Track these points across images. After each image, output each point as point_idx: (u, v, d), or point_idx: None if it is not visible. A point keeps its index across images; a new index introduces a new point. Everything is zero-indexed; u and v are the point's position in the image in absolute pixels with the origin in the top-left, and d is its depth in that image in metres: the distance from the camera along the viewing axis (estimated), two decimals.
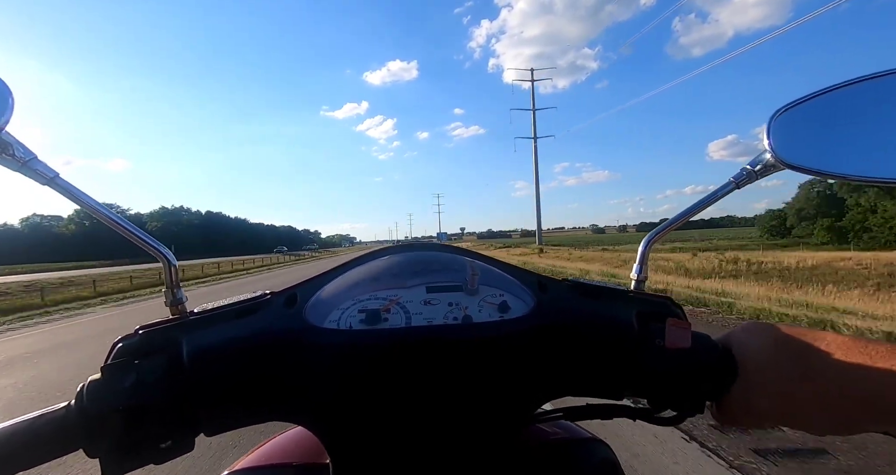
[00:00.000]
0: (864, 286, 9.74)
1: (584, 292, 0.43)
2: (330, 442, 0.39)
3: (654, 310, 0.41)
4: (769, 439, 2.24)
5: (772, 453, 2.12)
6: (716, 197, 0.44)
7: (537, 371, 0.39)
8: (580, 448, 0.49)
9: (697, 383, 0.36)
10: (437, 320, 0.40)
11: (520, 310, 0.41)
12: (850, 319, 4.86)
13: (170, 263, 0.39)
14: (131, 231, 0.38)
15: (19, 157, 0.33)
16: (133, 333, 0.36)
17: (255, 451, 0.49)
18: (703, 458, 2.12)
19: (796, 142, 0.40)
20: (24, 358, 4.98)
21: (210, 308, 0.39)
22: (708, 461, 2.10)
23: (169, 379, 0.33)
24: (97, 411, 0.31)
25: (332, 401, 0.38)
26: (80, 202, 0.36)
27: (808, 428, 0.33)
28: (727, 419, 0.36)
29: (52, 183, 0.34)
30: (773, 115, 0.41)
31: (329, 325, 0.38)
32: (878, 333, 4.28)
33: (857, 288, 9.06)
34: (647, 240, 0.47)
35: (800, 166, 0.39)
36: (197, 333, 0.37)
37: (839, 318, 4.90)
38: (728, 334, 0.37)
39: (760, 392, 0.33)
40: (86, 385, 0.32)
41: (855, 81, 0.39)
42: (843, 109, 0.40)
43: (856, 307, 6.07)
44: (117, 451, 0.31)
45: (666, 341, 0.37)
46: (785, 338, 0.33)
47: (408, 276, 0.43)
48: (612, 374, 0.40)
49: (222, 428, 0.36)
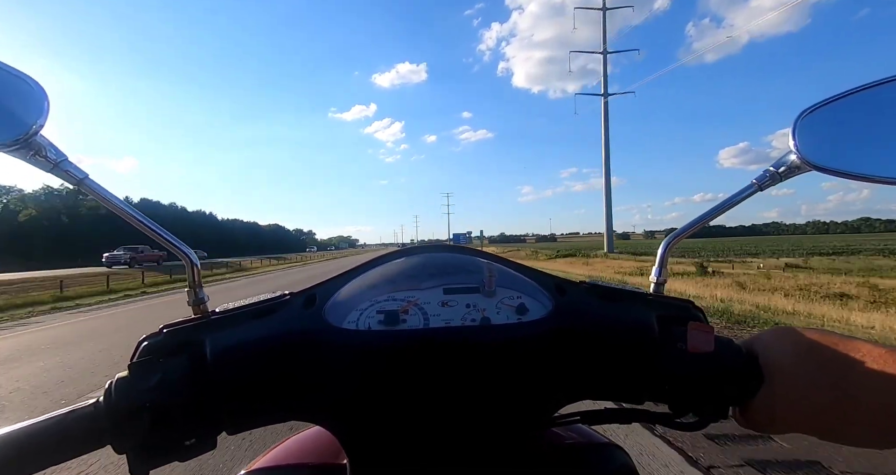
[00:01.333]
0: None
1: (602, 295, 0.43)
2: (347, 442, 0.39)
3: (675, 313, 0.40)
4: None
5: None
6: (737, 199, 0.43)
7: (555, 374, 0.39)
8: (597, 453, 0.49)
9: (721, 388, 0.35)
10: (455, 322, 0.40)
11: (538, 312, 0.41)
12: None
13: (192, 263, 0.39)
14: (157, 232, 0.38)
15: (52, 159, 0.34)
16: (158, 332, 0.36)
17: (271, 451, 0.49)
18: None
19: (822, 143, 0.40)
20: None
21: (231, 308, 0.40)
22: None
23: (192, 377, 0.34)
24: (125, 408, 0.31)
25: (350, 401, 0.38)
26: (109, 203, 0.37)
27: (834, 437, 0.32)
28: (751, 424, 0.35)
29: (81, 184, 0.35)
30: (798, 115, 0.40)
31: (348, 326, 0.39)
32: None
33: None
34: (666, 243, 0.46)
35: (826, 167, 0.39)
36: (219, 333, 0.37)
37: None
38: (753, 338, 0.37)
39: (787, 398, 0.32)
40: (114, 382, 0.32)
41: (881, 83, 0.39)
42: (869, 111, 0.39)
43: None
44: (144, 448, 0.32)
45: (688, 345, 0.36)
46: (815, 345, 0.32)
47: (424, 278, 0.43)
48: (631, 378, 0.39)
49: (244, 426, 0.37)
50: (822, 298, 8.07)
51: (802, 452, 2.12)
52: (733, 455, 2.16)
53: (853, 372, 0.30)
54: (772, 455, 2.14)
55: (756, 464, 2.06)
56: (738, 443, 2.27)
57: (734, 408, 0.36)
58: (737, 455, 2.15)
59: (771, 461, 2.08)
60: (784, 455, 2.13)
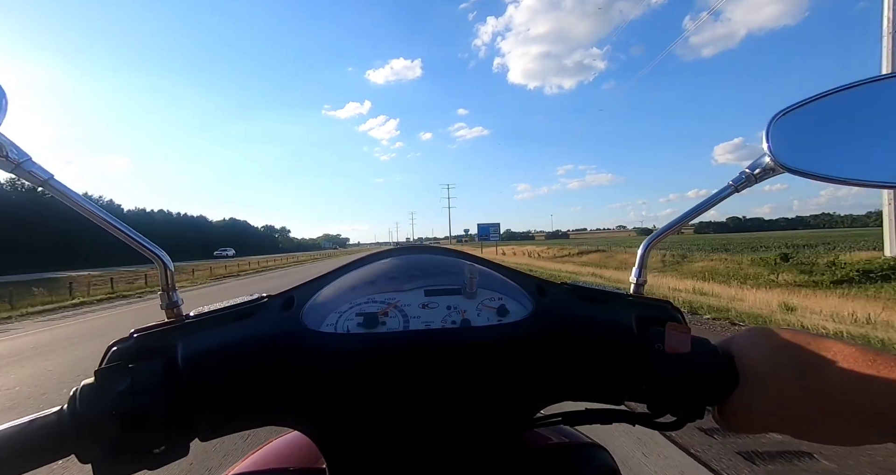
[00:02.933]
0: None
1: (583, 296, 0.43)
2: (326, 447, 0.39)
3: (653, 314, 0.41)
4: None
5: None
6: (715, 200, 0.44)
7: (536, 375, 0.39)
8: (579, 453, 0.49)
9: (697, 388, 0.36)
10: (435, 324, 0.39)
11: (518, 314, 0.41)
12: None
13: (165, 266, 0.38)
14: (127, 233, 0.37)
15: (13, 159, 0.33)
16: (128, 337, 0.35)
17: (250, 457, 0.49)
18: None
19: (796, 145, 0.40)
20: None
21: (206, 311, 0.39)
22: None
23: (164, 383, 0.33)
24: (90, 416, 0.30)
25: (328, 406, 0.37)
26: (76, 204, 0.35)
27: (810, 437, 0.32)
28: (727, 424, 0.36)
29: (46, 184, 0.34)
30: (772, 118, 0.41)
31: (326, 329, 0.38)
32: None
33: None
34: (646, 244, 0.46)
35: (799, 170, 0.39)
36: (193, 337, 0.36)
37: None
38: (729, 339, 0.37)
39: (761, 398, 0.33)
40: (79, 389, 0.31)
41: (855, 85, 0.39)
42: (843, 113, 0.40)
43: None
44: (110, 457, 0.31)
45: (665, 346, 0.36)
46: (788, 345, 0.33)
47: (406, 280, 0.43)
48: (611, 379, 0.39)
49: (218, 432, 0.36)
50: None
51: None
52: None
53: (825, 371, 0.30)
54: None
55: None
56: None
57: (711, 407, 0.37)
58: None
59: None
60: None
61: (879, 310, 5.76)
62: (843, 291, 9.83)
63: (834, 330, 4.89)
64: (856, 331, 4.73)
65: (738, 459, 2.11)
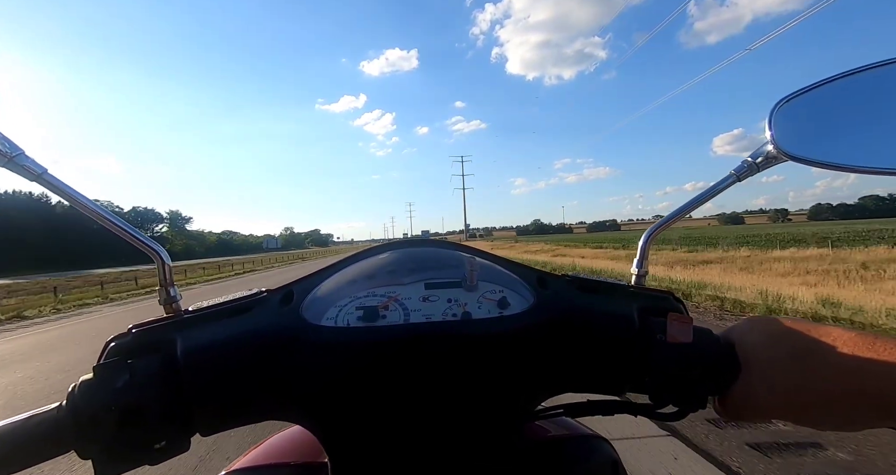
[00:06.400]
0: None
1: (584, 287, 0.43)
2: (328, 440, 0.39)
3: (655, 304, 0.40)
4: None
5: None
6: (717, 190, 0.43)
7: (537, 367, 0.39)
8: (581, 445, 0.49)
9: (699, 378, 0.35)
10: (435, 317, 0.39)
11: (519, 306, 0.40)
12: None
13: (163, 261, 0.38)
14: (123, 228, 0.37)
15: (6, 153, 0.33)
16: (126, 332, 0.35)
17: (252, 451, 0.49)
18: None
19: (799, 133, 0.40)
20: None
21: (205, 306, 0.39)
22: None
23: (163, 378, 0.33)
24: (89, 411, 0.30)
25: (329, 400, 0.37)
26: (70, 198, 0.35)
27: (812, 424, 0.32)
28: (730, 414, 0.36)
29: (40, 179, 0.34)
30: (775, 105, 0.40)
31: (326, 323, 0.38)
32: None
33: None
34: (647, 235, 0.46)
35: (802, 158, 0.39)
36: (191, 332, 0.36)
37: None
38: (730, 329, 0.37)
39: (763, 387, 0.32)
40: (77, 385, 0.31)
41: (857, 71, 0.38)
42: (848, 99, 0.39)
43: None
44: (110, 452, 0.31)
45: (667, 336, 0.36)
46: (788, 333, 0.33)
47: (406, 273, 0.43)
48: (612, 370, 0.39)
49: (218, 427, 0.36)
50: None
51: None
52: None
53: (825, 355, 0.30)
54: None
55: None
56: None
57: (713, 397, 0.37)
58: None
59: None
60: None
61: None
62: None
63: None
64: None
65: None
